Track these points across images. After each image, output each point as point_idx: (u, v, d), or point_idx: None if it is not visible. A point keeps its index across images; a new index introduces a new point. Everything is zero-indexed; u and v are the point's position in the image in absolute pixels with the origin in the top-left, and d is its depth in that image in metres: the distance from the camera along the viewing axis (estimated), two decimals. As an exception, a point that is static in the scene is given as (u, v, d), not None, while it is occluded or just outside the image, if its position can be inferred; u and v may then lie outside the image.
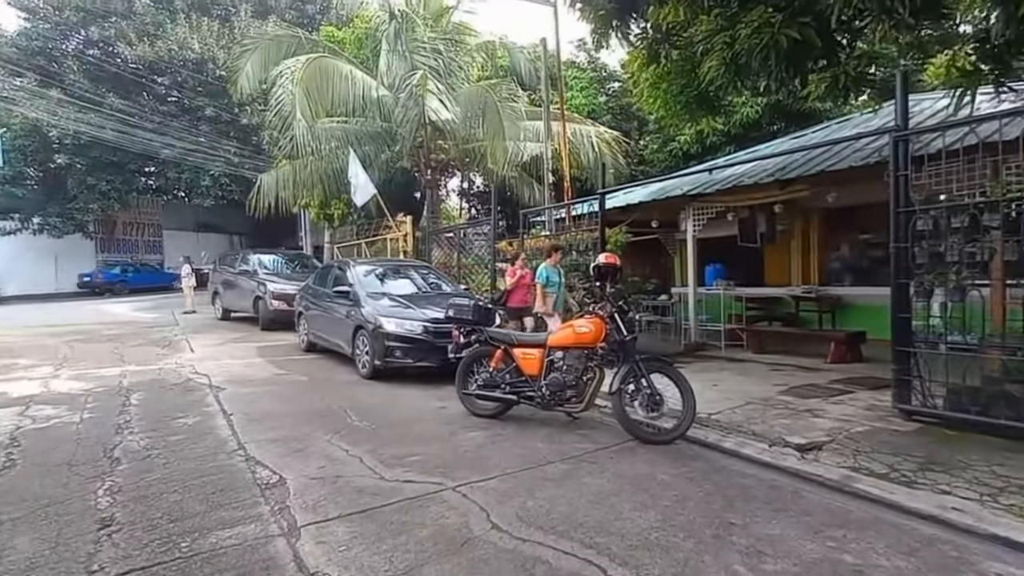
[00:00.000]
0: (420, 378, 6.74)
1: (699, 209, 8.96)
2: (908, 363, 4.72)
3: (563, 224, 9.88)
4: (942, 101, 7.33)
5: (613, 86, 22.97)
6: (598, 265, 4.87)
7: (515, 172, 15.68)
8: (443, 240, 13.41)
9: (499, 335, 5.25)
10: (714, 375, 7.02)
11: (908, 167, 4.67)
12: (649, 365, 4.70)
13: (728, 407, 5.34)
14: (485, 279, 10.83)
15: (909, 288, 4.71)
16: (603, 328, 4.75)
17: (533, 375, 4.98)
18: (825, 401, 5.53)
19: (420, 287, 8.23)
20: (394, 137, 14.37)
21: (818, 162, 7.03)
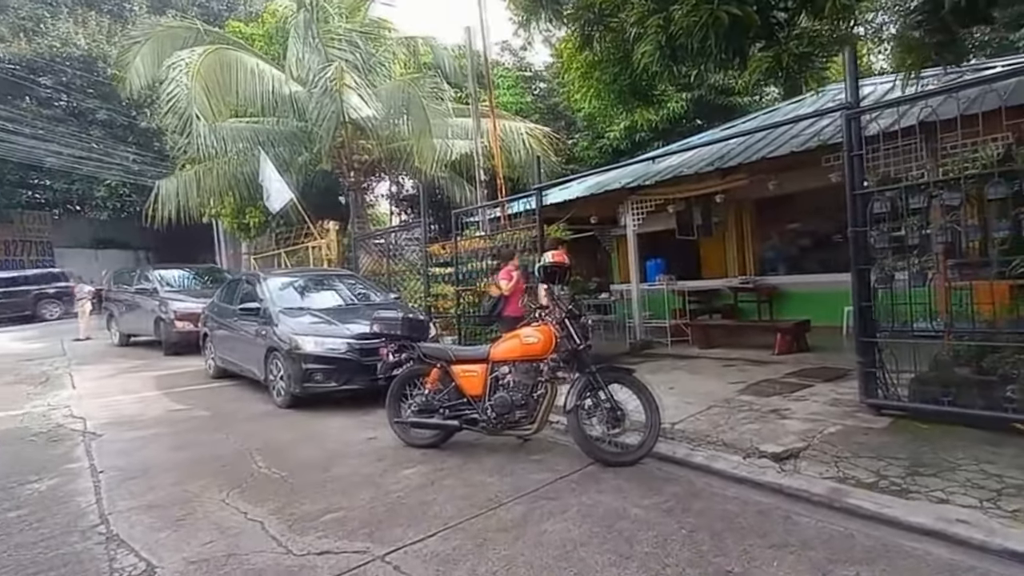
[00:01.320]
0: (347, 403, 5.92)
1: (638, 203, 8.62)
2: (873, 354, 4.44)
3: (498, 224, 9.28)
4: (883, 85, 7.33)
5: (540, 86, 22.71)
6: (545, 265, 4.28)
7: (445, 172, 14.93)
8: (372, 246, 12.47)
9: (434, 351, 4.55)
10: (667, 376, 6.62)
11: (862, 146, 4.39)
12: (607, 376, 4.16)
13: (691, 413, 4.90)
14: (419, 286, 10.06)
15: (870, 275, 4.43)
16: (553, 337, 4.17)
17: (476, 395, 4.32)
18: (787, 398, 5.21)
19: (345, 299, 7.37)
20: (312, 137, 13.29)
21: (758, 149, 6.80)
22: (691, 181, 7.75)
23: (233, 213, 17.10)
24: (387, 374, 4.72)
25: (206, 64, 10.85)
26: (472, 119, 9.62)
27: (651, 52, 5.66)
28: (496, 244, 8.34)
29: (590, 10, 6.42)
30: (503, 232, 8.49)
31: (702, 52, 5.33)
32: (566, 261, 4.28)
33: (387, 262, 11.20)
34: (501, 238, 8.33)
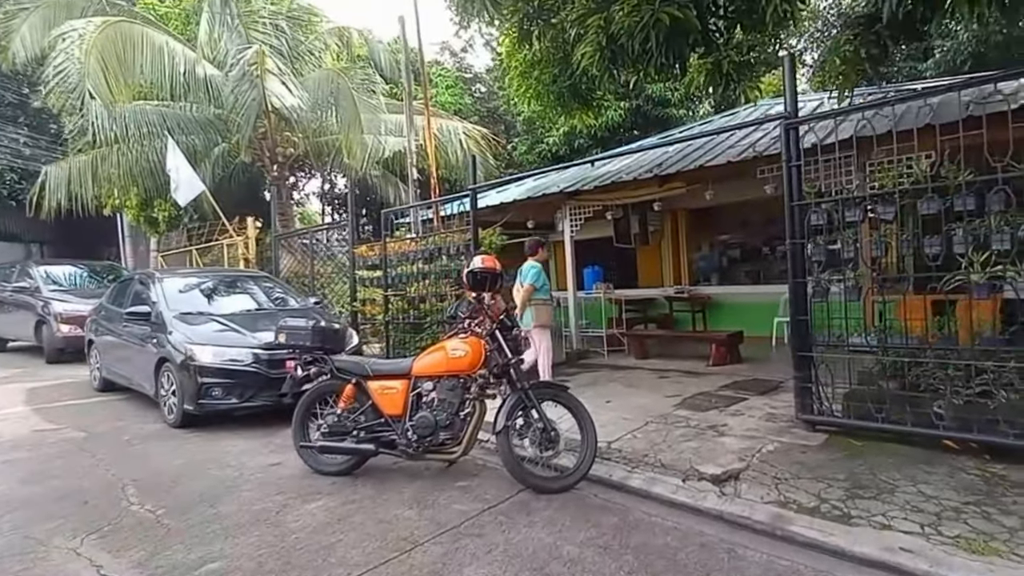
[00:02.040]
0: (252, 422, 5.27)
1: (576, 208, 8.42)
2: (809, 369, 4.35)
3: (431, 225, 8.81)
4: (811, 103, 7.48)
5: (480, 89, 22.40)
6: (474, 271, 3.88)
7: (378, 171, 14.30)
8: (296, 246, 11.63)
9: (349, 364, 4.04)
10: (604, 389, 6.39)
11: (801, 157, 4.30)
12: (540, 393, 3.82)
13: (628, 431, 4.64)
14: (347, 289, 9.40)
15: (807, 287, 4.34)
16: (482, 350, 3.78)
17: (395, 414, 3.86)
18: (723, 413, 5.07)
19: (257, 304, 6.67)
20: (230, 126, 12.31)
21: (696, 158, 6.73)
22: (630, 188, 7.61)
23: (139, 205, 15.65)
24: (294, 391, 4.16)
25: (105, 37, 9.72)
26: (405, 115, 9.09)
27: (591, 53, 5.43)
28: (428, 247, 7.88)
29: (529, 3, 6.13)
30: (435, 234, 8.03)
31: (642, 55, 5.15)
32: (497, 267, 3.90)
33: (311, 263, 10.44)
34: (433, 240, 7.87)
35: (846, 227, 4.13)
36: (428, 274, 7.77)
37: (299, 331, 4.06)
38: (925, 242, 3.80)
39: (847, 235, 4.12)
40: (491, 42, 21.49)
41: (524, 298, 6.24)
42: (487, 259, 3.92)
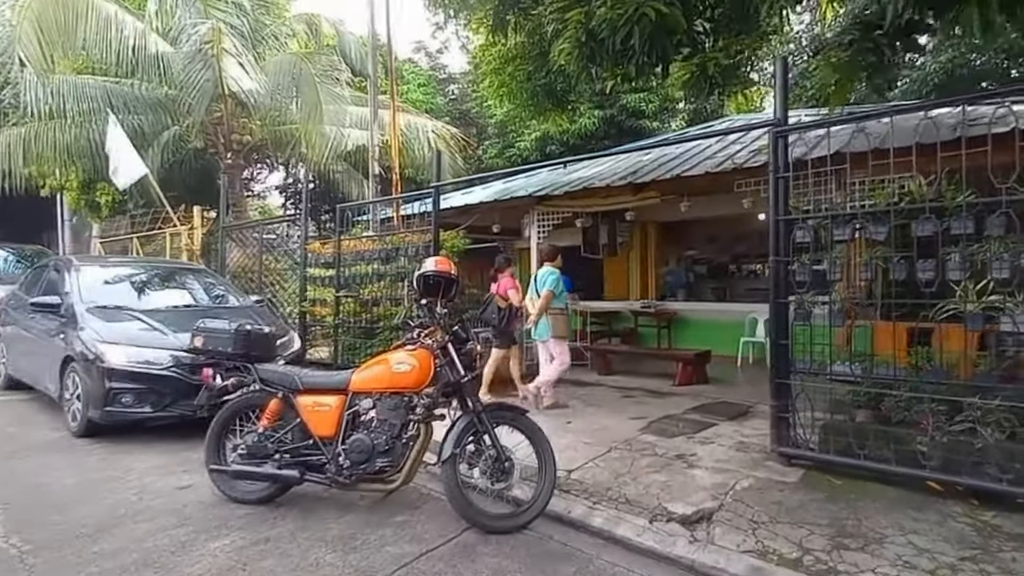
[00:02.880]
0: (169, 434, 4.65)
1: (545, 214, 8.02)
2: (788, 398, 4.02)
3: (391, 224, 8.28)
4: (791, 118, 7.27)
5: (453, 89, 21.94)
6: (425, 275, 3.41)
7: (341, 166, 13.65)
8: (249, 240, 10.87)
9: (276, 376, 3.49)
10: (564, 408, 5.97)
11: (789, 168, 4.00)
12: (495, 416, 3.36)
13: (589, 457, 4.23)
14: (296, 287, 8.77)
15: (789, 309, 4.02)
16: (431, 364, 3.30)
17: (327, 436, 3.34)
18: (691, 440, 4.71)
19: (193, 301, 6.01)
20: (183, 108, 11.50)
21: (672, 167, 6.43)
22: (601, 195, 7.27)
23: (80, 188, 14.56)
24: (210, 404, 3.59)
25: (43, 1, 8.89)
26: (370, 106, 8.56)
27: (569, 50, 5.05)
28: (385, 247, 7.35)
29: (505, -12, 5.74)
30: (395, 234, 7.51)
31: (623, 54, 4.78)
32: (452, 271, 3.43)
33: (261, 258, 9.74)
34: (391, 240, 7.35)
35: (833, 246, 3.83)
36: (384, 276, 7.24)
37: (218, 335, 3.50)
38: (919, 266, 3.52)
39: (834, 255, 3.82)
40: (467, 45, 21.15)
41: (543, 306, 5.77)
42: (441, 262, 3.45)
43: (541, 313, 5.79)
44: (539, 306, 5.77)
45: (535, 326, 5.91)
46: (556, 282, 5.86)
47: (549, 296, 5.78)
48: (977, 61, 12.67)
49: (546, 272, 5.95)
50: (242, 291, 10.17)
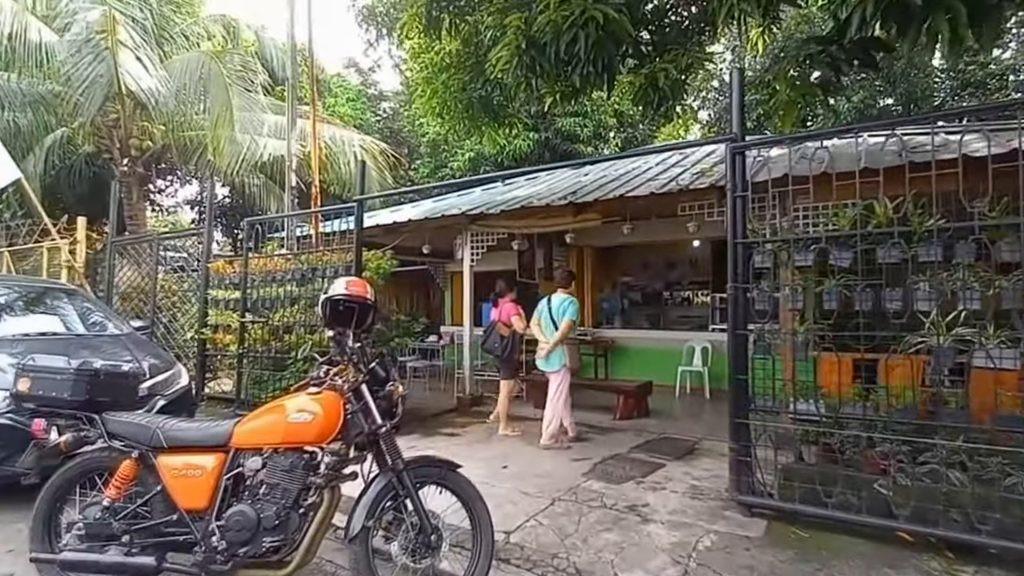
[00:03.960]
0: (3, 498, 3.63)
1: (479, 235, 7.50)
2: (748, 441, 3.65)
3: (308, 242, 7.46)
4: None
5: (384, 107, 21.28)
6: (334, 299, 2.74)
7: (258, 179, 12.60)
8: (145, 257, 9.57)
9: (130, 429, 2.67)
10: (499, 447, 5.39)
11: (748, 187, 3.69)
12: (419, 474, 2.72)
13: (530, 514, 3.64)
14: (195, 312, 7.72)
15: (748, 341, 3.68)
16: (340, 411, 2.62)
17: (198, 508, 2.57)
18: (641, 484, 4.24)
19: (53, 328, 4.92)
20: (72, 107, 10.17)
21: (615, 187, 6.10)
22: (539, 216, 6.85)
23: (-57, 194, 12.62)
24: (43, 466, 2.72)
25: None
26: (287, 108, 7.77)
27: (508, 58, 4.60)
28: (301, 266, 6.55)
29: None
30: (312, 252, 6.73)
31: (567, 63, 4.41)
32: (367, 295, 2.78)
33: (156, 278, 8.56)
34: (307, 259, 6.56)
35: (795, 272, 3.53)
36: (299, 299, 6.43)
37: (52, 375, 2.65)
38: (886, 295, 3.26)
39: (796, 282, 3.52)
40: (400, 65, 20.63)
41: (563, 335, 5.39)
42: (354, 283, 2.78)
43: (558, 343, 5.41)
44: (559, 335, 5.39)
45: (547, 357, 5.47)
46: (577, 311, 5.55)
47: (570, 326, 5.44)
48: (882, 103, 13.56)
49: (565, 300, 5.55)
50: (134, 315, 8.95)
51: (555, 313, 5.54)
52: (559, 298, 5.60)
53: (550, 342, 5.42)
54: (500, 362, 6.05)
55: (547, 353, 5.46)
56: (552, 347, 5.41)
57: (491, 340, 6.01)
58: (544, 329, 5.59)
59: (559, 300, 5.58)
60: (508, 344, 5.92)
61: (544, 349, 5.49)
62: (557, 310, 5.54)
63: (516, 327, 5.90)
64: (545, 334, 5.55)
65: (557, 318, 5.51)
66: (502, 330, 5.94)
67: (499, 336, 5.94)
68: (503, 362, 6.00)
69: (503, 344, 5.92)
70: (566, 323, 5.39)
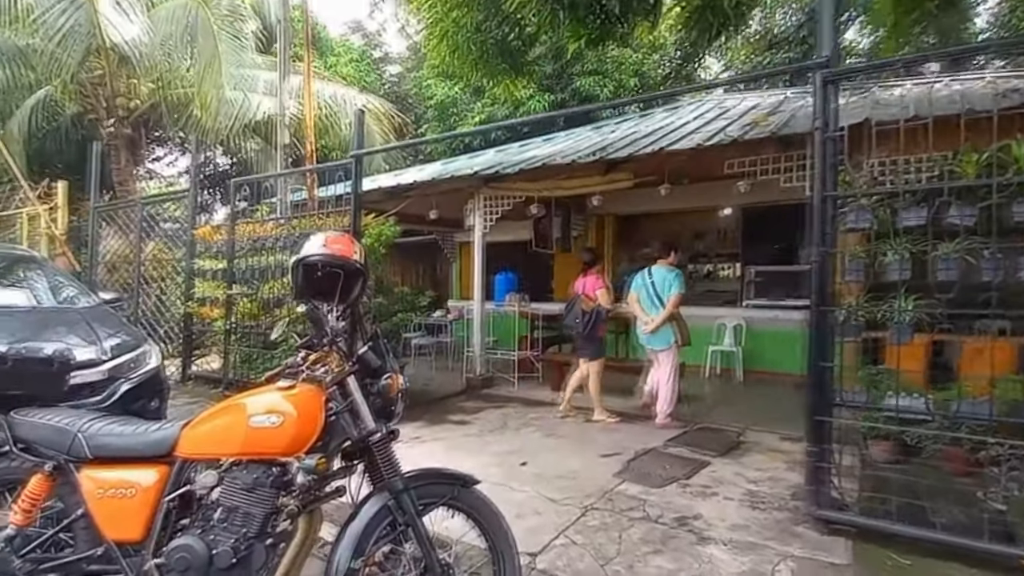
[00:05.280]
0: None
1: (492, 199, 6.76)
2: (828, 442, 2.96)
3: (303, 206, 6.74)
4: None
5: (389, 71, 20.31)
6: (307, 261, 2.02)
7: (255, 142, 11.84)
8: (132, 223, 8.86)
9: (41, 433, 2.01)
10: (516, 437, 4.75)
11: (838, 124, 2.93)
12: (424, 493, 2.05)
13: (559, 527, 3.00)
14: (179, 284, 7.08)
15: (833, 320, 2.96)
16: (319, 412, 1.94)
17: (130, 540, 1.92)
18: (687, 489, 3.59)
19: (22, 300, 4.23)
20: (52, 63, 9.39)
21: (653, 141, 5.32)
22: (561, 176, 6.09)
23: (-79, 157, 11.97)
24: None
25: None
26: (279, 54, 6.99)
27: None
28: (293, 233, 5.86)
29: None
30: (304, 216, 6.03)
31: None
32: (353, 255, 2.02)
33: (139, 246, 7.91)
34: (300, 225, 5.87)
35: (900, 235, 2.79)
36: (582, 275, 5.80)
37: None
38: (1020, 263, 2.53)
39: (900, 246, 2.78)
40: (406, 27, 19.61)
41: (672, 312, 5.03)
42: (336, 240, 2.02)
43: (666, 319, 5.02)
44: (668, 311, 5.02)
45: (653, 333, 5.08)
46: (684, 284, 5.15)
47: (679, 300, 5.05)
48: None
49: (668, 272, 5.16)
50: (121, 288, 8.33)
51: (659, 287, 5.14)
52: (662, 270, 5.16)
53: (655, 318, 5.06)
54: (582, 339, 5.44)
55: (654, 329, 5.02)
56: (660, 323, 5.04)
57: (572, 315, 5.41)
58: (644, 304, 5.17)
59: (662, 273, 5.14)
60: (591, 319, 5.30)
61: (649, 325, 5.09)
62: (662, 284, 5.13)
63: (601, 301, 5.31)
64: (645, 309, 5.18)
65: (662, 292, 5.11)
66: (585, 304, 5.30)
67: (581, 311, 5.30)
68: (585, 339, 5.40)
69: (584, 320, 5.29)
70: (675, 297, 5.02)
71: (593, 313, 5.33)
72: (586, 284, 5.50)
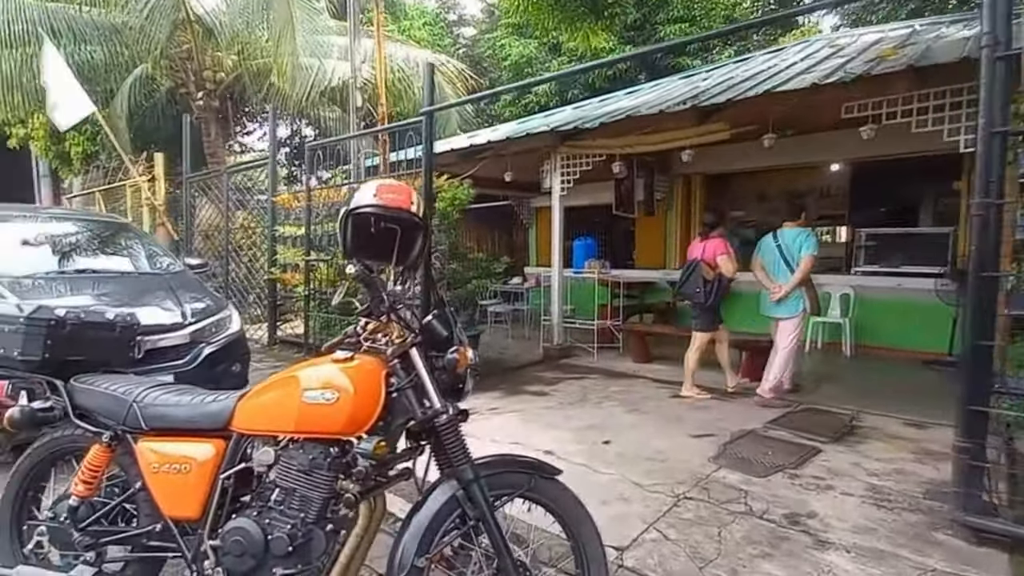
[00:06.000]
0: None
1: (570, 159, 6.32)
2: (985, 437, 2.42)
3: (376, 172, 6.63)
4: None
5: (465, 33, 19.94)
6: (360, 212, 1.74)
7: (334, 112, 11.96)
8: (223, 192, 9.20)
9: (99, 402, 1.92)
10: (598, 412, 4.44)
11: (1014, 42, 2.29)
12: (498, 483, 1.79)
13: (649, 519, 2.67)
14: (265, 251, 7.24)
15: (998, 288, 2.38)
16: (380, 387, 1.71)
17: (187, 518, 1.81)
18: (796, 481, 3.14)
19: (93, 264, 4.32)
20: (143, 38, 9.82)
21: (756, 83, 4.67)
22: (647, 131, 5.54)
23: (46, 138, 13.10)
24: (8, 443, 2.07)
25: None
26: (349, 20, 6.82)
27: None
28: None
29: None
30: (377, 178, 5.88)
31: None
32: (409, 205, 1.73)
33: (227, 214, 8.20)
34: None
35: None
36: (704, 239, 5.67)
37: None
38: None
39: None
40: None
41: (805, 274, 4.61)
42: (391, 188, 1.72)
43: (797, 285, 4.62)
44: (800, 274, 4.59)
45: (781, 301, 4.70)
46: (817, 245, 4.70)
47: (812, 263, 4.61)
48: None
49: (800, 233, 4.70)
50: (215, 255, 8.72)
51: (791, 250, 4.68)
52: (792, 231, 4.71)
53: (785, 284, 4.63)
54: (699, 310, 4.99)
55: (783, 296, 4.63)
56: (791, 289, 4.61)
57: (691, 283, 4.90)
58: (770, 270, 4.81)
59: (793, 234, 4.68)
60: (712, 289, 4.82)
61: (778, 292, 4.66)
62: (793, 245, 4.67)
63: (723, 269, 4.81)
64: (772, 276, 4.78)
65: (792, 255, 4.66)
66: (706, 272, 4.83)
67: (702, 279, 4.83)
68: (703, 310, 4.95)
69: (706, 289, 4.81)
70: (809, 259, 4.56)
71: (715, 282, 4.80)
72: (706, 249, 4.93)
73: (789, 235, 4.72)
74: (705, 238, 5.06)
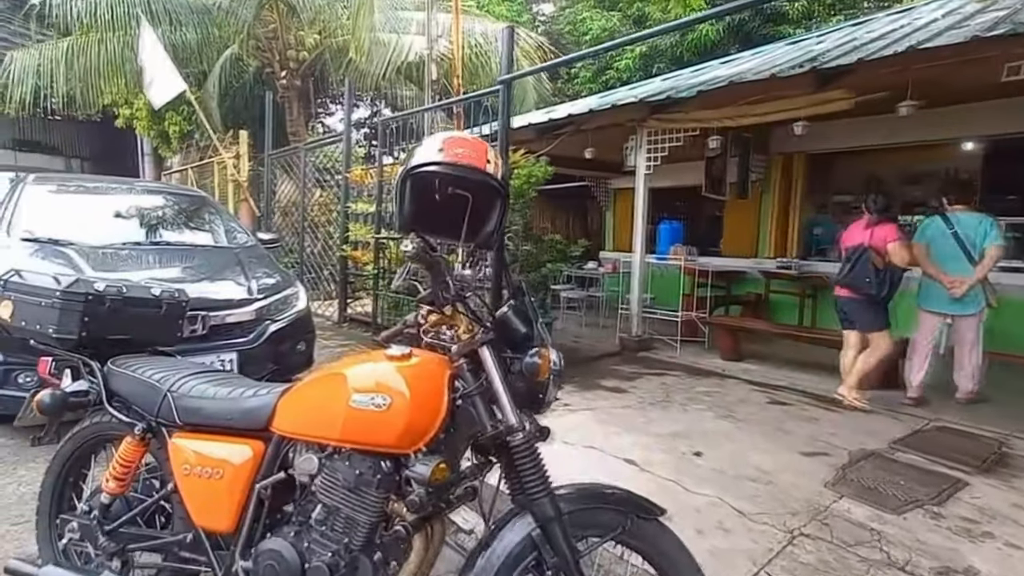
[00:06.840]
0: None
1: (659, 132, 5.74)
2: None
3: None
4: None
5: (545, 10, 19.31)
6: (419, 173, 1.35)
7: (410, 90, 11.84)
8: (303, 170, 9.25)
9: (132, 388, 1.72)
10: (683, 416, 3.96)
11: None
12: (584, 522, 1.41)
13: (760, 560, 2.21)
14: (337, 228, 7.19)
15: None
16: (442, 392, 1.38)
17: (219, 530, 1.56)
18: (941, 524, 2.55)
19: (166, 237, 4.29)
20: (232, 19, 10.08)
21: (891, 42, 3.92)
22: (750, 101, 4.89)
23: (148, 118, 13.89)
24: (54, 424, 1.91)
25: None
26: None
27: None
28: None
29: None
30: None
31: None
32: (485, 165, 1.34)
33: (304, 190, 8.24)
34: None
35: None
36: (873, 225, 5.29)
37: (37, 298, 1.76)
38: None
39: None
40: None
41: (991, 266, 4.11)
42: (458, 143, 1.34)
43: (980, 279, 4.11)
44: (985, 267, 4.08)
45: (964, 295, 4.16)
46: (1000, 233, 4.14)
47: (1000, 255, 4.09)
48: None
49: (983, 220, 4.16)
50: (293, 232, 8.85)
51: (971, 238, 4.13)
52: (973, 217, 4.19)
53: (969, 278, 4.09)
54: (863, 306, 4.31)
55: (968, 290, 4.11)
56: (976, 282, 4.10)
57: (858, 271, 4.22)
58: (940, 259, 4.24)
59: (974, 221, 4.17)
60: (885, 280, 4.18)
61: (961, 286, 4.11)
62: (975, 233, 4.12)
63: (895, 259, 4.11)
64: (944, 267, 4.21)
65: (973, 244, 4.12)
66: (875, 260, 4.19)
67: (872, 268, 4.18)
68: (870, 304, 4.26)
69: (878, 278, 4.16)
70: (997, 250, 4.04)
71: (887, 273, 4.13)
72: (874, 234, 4.19)
73: (968, 221, 4.13)
74: (870, 223, 4.28)
